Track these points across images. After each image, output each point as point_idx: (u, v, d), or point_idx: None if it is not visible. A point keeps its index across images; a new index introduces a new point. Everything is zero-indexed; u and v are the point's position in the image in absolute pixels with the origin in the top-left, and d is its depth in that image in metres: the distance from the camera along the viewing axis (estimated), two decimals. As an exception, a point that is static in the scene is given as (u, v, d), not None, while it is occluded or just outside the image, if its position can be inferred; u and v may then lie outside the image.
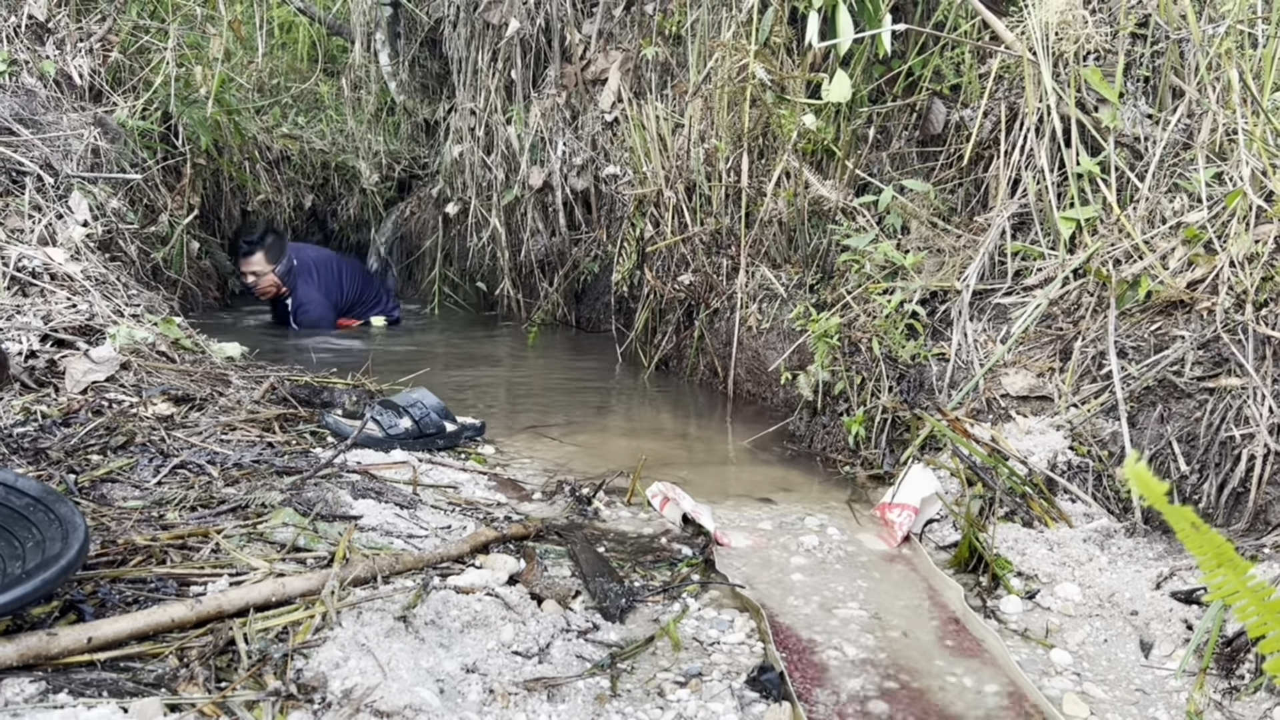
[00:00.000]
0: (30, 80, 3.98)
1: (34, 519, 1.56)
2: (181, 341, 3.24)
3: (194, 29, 5.00)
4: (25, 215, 3.43)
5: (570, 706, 1.46)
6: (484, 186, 5.39)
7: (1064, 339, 2.60)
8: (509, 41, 5.04)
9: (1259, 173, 2.44)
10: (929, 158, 3.46)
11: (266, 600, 1.59)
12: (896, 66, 3.49)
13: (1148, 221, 2.64)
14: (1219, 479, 2.15)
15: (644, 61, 4.40)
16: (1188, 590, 1.83)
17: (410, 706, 1.34)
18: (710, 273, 3.79)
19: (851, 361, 3.02)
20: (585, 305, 5.21)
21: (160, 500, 2.03)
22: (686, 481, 2.55)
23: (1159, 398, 2.32)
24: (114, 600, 1.57)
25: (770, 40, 3.57)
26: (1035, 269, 2.84)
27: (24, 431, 2.33)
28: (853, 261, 3.21)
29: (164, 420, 2.54)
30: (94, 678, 1.35)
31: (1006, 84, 3.11)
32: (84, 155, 3.89)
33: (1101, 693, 1.61)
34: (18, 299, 3.04)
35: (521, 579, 1.86)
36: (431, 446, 2.76)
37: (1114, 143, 2.79)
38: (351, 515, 2.06)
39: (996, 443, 2.35)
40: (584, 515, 2.34)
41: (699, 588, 1.93)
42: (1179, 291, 2.40)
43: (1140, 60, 2.89)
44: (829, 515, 2.43)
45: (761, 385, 3.59)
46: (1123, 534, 2.14)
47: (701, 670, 1.61)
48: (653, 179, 3.99)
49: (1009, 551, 2.07)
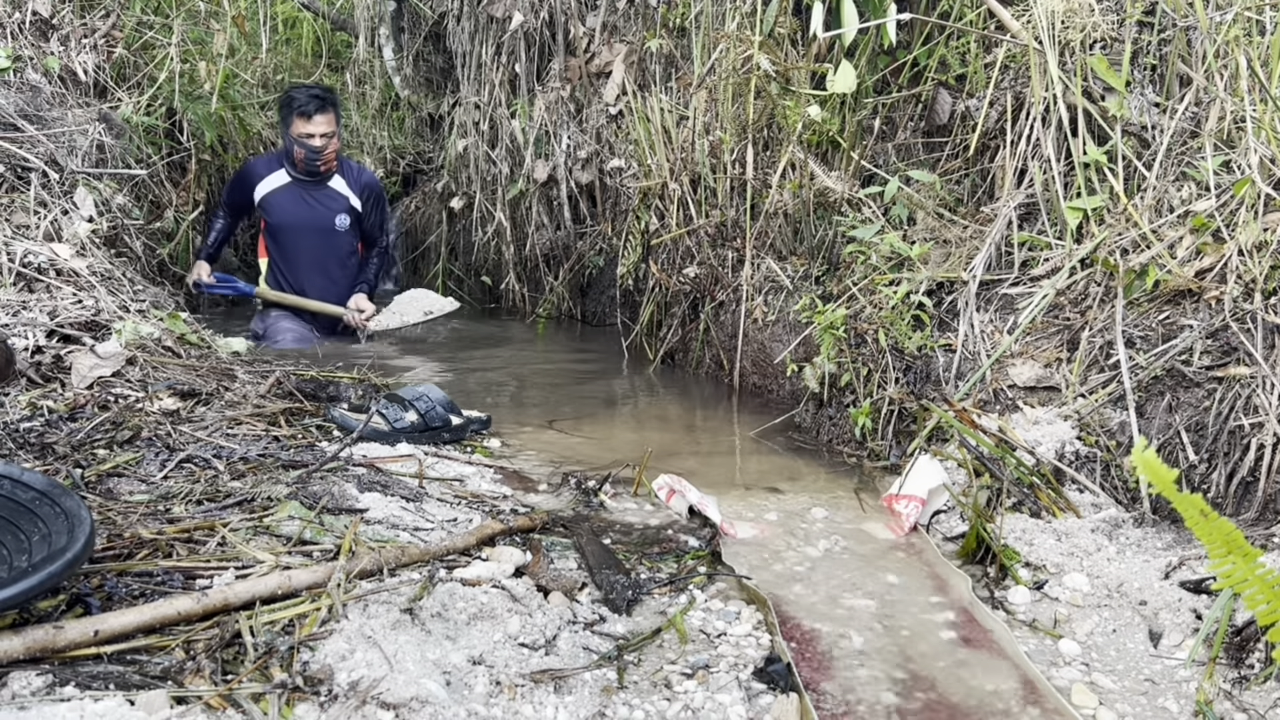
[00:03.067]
0: (35, 76, 3.98)
1: (40, 513, 1.56)
2: (187, 337, 3.24)
3: (198, 25, 5.00)
4: (31, 211, 3.44)
5: (577, 698, 1.46)
6: (488, 181, 5.39)
7: (1071, 329, 2.59)
8: (513, 35, 5.03)
9: (1267, 160, 2.42)
10: (935, 148, 3.45)
11: (273, 593, 1.59)
12: (902, 57, 3.48)
13: (1155, 210, 2.63)
14: (1228, 468, 2.14)
15: (648, 54, 4.39)
16: (1197, 579, 1.82)
17: (417, 698, 1.34)
18: (715, 265, 3.78)
19: (858, 353, 3.02)
20: (590, 299, 5.21)
21: (166, 494, 2.03)
22: (692, 473, 2.54)
23: (1167, 387, 2.30)
24: (120, 594, 1.58)
25: (775, 31, 3.56)
26: (1042, 259, 2.82)
27: (30, 426, 2.33)
28: (859, 253, 3.20)
29: (170, 415, 2.55)
30: (100, 671, 1.35)
31: (1012, 73, 3.09)
32: (89, 151, 3.89)
33: (1110, 683, 1.60)
34: (24, 295, 3.05)
35: (528, 571, 1.85)
36: (437, 440, 2.76)
37: (1121, 131, 2.77)
38: (357, 508, 2.06)
39: (1004, 433, 2.34)
40: (590, 507, 2.34)
41: (706, 579, 1.92)
42: (1187, 280, 2.39)
43: (1147, 48, 2.87)
44: (836, 506, 2.42)
45: (767, 377, 3.58)
46: (1131, 524, 2.13)
47: (708, 662, 1.60)
48: (657, 172, 3.98)
49: (1017, 542, 2.06)
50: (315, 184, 4.54)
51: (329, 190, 4.58)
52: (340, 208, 4.59)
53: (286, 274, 4.64)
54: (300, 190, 4.54)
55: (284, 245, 4.61)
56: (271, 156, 4.70)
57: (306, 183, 4.52)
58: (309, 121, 4.35)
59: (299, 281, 4.63)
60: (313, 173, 4.48)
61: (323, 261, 4.63)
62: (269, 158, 4.70)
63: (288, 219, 4.55)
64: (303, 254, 4.60)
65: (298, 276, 4.63)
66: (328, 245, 4.62)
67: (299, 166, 4.46)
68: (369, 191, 4.68)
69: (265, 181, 4.54)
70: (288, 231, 4.57)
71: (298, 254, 4.60)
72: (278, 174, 4.54)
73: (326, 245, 4.62)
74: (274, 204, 4.54)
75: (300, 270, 4.62)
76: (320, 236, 4.59)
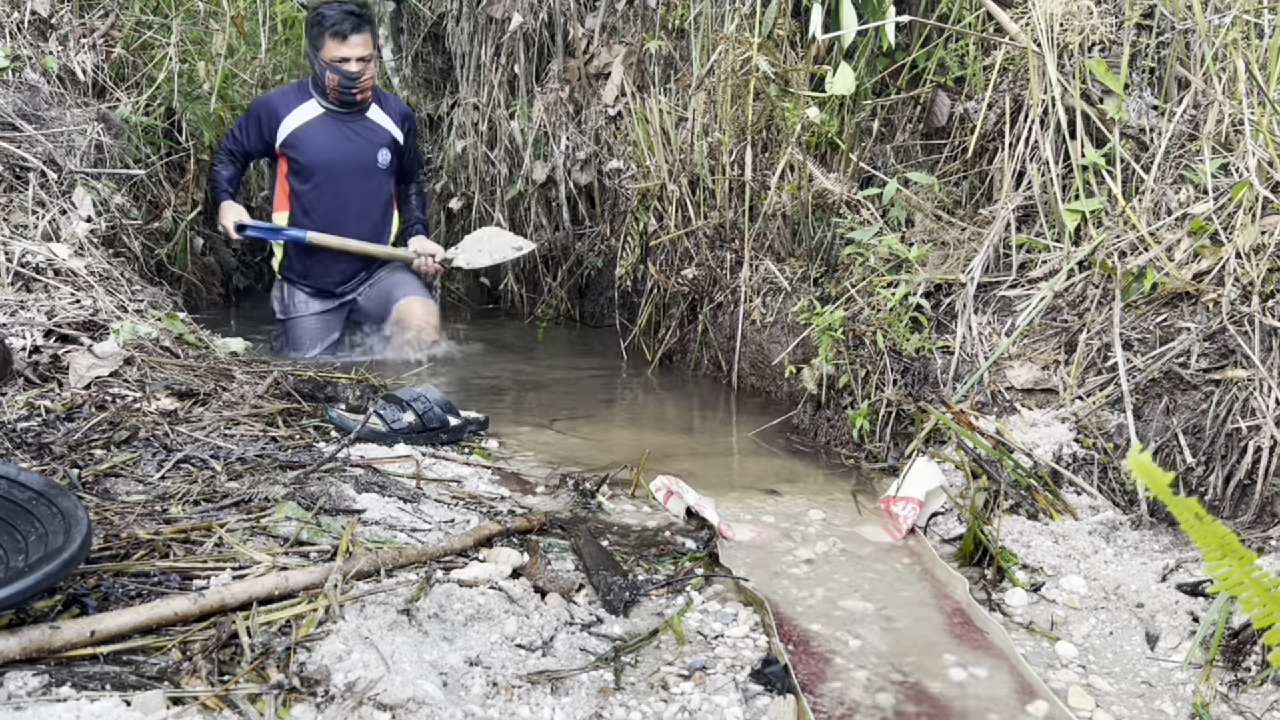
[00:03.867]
0: (33, 76, 3.98)
1: (37, 513, 1.56)
2: (185, 337, 3.24)
3: (197, 25, 4.99)
4: (29, 211, 3.44)
5: (574, 699, 1.46)
6: (487, 182, 5.39)
7: (1069, 331, 2.59)
8: (512, 36, 5.03)
9: (1265, 163, 2.42)
10: (933, 150, 3.45)
11: (269, 594, 1.59)
12: (900, 59, 3.48)
13: (1153, 213, 2.63)
14: (1225, 471, 2.14)
15: (647, 55, 4.39)
16: (1194, 582, 1.82)
17: (413, 699, 1.34)
18: (714, 266, 3.78)
19: (856, 355, 3.02)
20: (589, 300, 5.21)
21: (163, 495, 2.03)
22: (690, 474, 2.54)
23: (1164, 390, 2.31)
24: (117, 594, 1.57)
25: (774, 33, 3.56)
26: (1040, 261, 2.83)
27: (28, 426, 2.33)
28: (857, 254, 3.20)
29: (167, 415, 2.54)
30: (97, 671, 1.35)
31: (1011, 76, 3.09)
32: (87, 151, 3.89)
33: (1107, 685, 1.60)
34: (22, 294, 3.05)
35: (525, 572, 1.85)
36: (435, 441, 2.76)
37: (1119, 134, 2.77)
38: (355, 509, 2.06)
39: (1001, 435, 2.34)
40: (588, 509, 2.34)
41: (703, 581, 1.92)
42: (1184, 283, 2.39)
43: (1145, 51, 2.88)
44: (833, 508, 2.42)
45: (765, 379, 3.58)
46: (1128, 526, 2.13)
47: (705, 663, 1.60)
48: (656, 173, 3.98)
49: (1014, 544, 2.07)
50: (352, 116, 3.97)
51: (368, 123, 4.03)
52: (382, 141, 4.04)
53: (318, 225, 4.03)
54: (336, 124, 3.96)
55: (319, 189, 3.98)
56: (290, 89, 4.10)
57: (342, 115, 3.96)
58: (344, 43, 3.79)
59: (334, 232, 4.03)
60: (348, 103, 3.91)
61: (364, 206, 4.06)
62: (289, 90, 4.09)
63: (324, 157, 3.95)
64: (340, 198, 4.00)
65: (333, 226, 4.01)
66: (369, 187, 4.05)
67: (331, 96, 3.89)
68: (408, 121, 4.18)
69: (293, 115, 3.94)
70: (323, 172, 3.96)
71: (335, 198, 4.00)
72: (307, 105, 3.94)
73: (368, 187, 4.04)
74: (305, 141, 3.94)
75: (336, 217, 4.01)
76: (361, 177, 4.01)
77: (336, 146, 3.96)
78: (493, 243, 4.33)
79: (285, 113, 3.95)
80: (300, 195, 4.02)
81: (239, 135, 4.08)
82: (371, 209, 4.09)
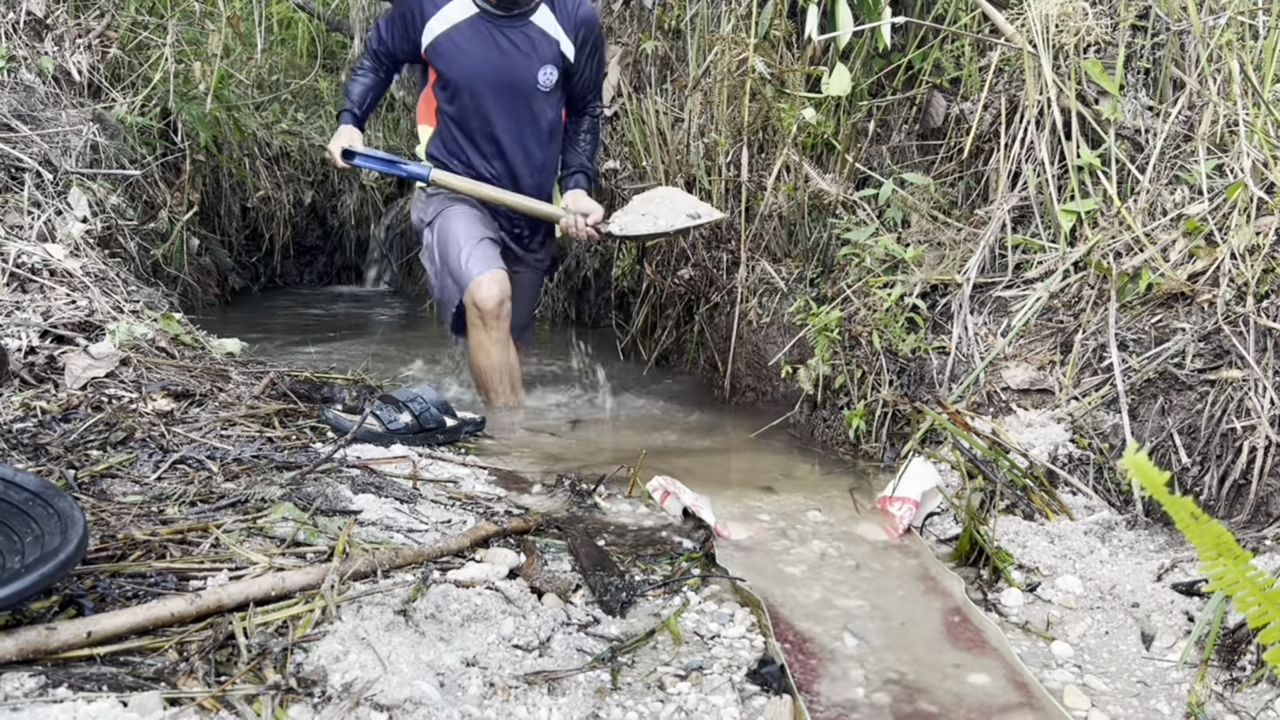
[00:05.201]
0: (29, 76, 3.97)
1: (33, 514, 1.55)
2: (181, 337, 3.24)
3: (193, 25, 4.99)
4: (24, 211, 3.43)
5: (571, 700, 1.46)
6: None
7: (1065, 332, 2.60)
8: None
9: (1260, 164, 2.43)
10: (929, 151, 3.46)
11: (266, 594, 1.59)
12: (896, 60, 3.49)
13: (1148, 214, 2.64)
14: (1220, 471, 2.15)
15: (643, 56, 4.39)
16: (1189, 582, 1.83)
17: (410, 700, 1.34)
18: (710, 267, 3.78)
19: (852, 355, 3.02)
20: (586, 301, 5.21)
21: (160, 495, 2.03)
22: (686, 474, 2.54)
23: (1160, 390, 2.31)
24: (113, 595, 1.57)
25: (770, 34, 3.57)
26: (1036, 262, 2.83)
27: (23, 427, 2.33)
28: (853, 255, 3.20)
29: (164, 416, 2.54)
30: (93, 672, 1.35)
31: (1007, 77, 3.10)
32: (83, 151, 3.89)
33: (1103, 685, 1.61)
34: (17, 295, 3.04)
35: (521, 573, 1.85)
36: (431, 441, 2.76)
37: (1114, 135, 2.78)
38: (351, 510, 2.06)
39: (997, 436, 2.34)
40: (584, 509, 2.34)
41: (699, 581, 1.92)
42: (1180, 284, 2.40)
43: (1141, 52, 2.89)
44: (830, 508, 2.42)
45: (762, 379, 3.58)
46: (1124, 526, 2.14)
47: (702, 664, 1.60)
48: (652, 173, 3.99)
49: (1010, 544, 2.07)
50: (513, 20, 3.16)
51: (531, 29, 3.20)
52: (547, 56, 3.22)
53: (461, 153, 3.31)
54: (490, 28, 3.16)
55: (464, 111, 3.25)
56: None
57: (500, 18, 3.15)
58: None
59: (478, 166, 3.32)
60: (509, 1, 3.15)
61: (519, 135, 3.29)
62: None
63: (469, 70, 3.18)
64: (488, 125, 3.26)
65: (482, 159, 3.31)
66: (527, 112, 3.26)
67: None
68: (587, 31, 3.27)
69: (440, 16, 3.17)
70: (467, 90, 3.21)
71: (482, 124, 3.26)
72: (458, 4, 3.16)
73: (525, 112, 3.26)
74: (449, 48, 3.18)
75: (485, 147, 3.29)
76: (516, 98, 3.24)
77: (485, 56, 3.17)
78: (663, 205, 3.37)
79: (433, 11, 3.18)
80: (446, 115, 3.30)
81: (384, 33, 3.32)
82: (529, 141, 3.30)
